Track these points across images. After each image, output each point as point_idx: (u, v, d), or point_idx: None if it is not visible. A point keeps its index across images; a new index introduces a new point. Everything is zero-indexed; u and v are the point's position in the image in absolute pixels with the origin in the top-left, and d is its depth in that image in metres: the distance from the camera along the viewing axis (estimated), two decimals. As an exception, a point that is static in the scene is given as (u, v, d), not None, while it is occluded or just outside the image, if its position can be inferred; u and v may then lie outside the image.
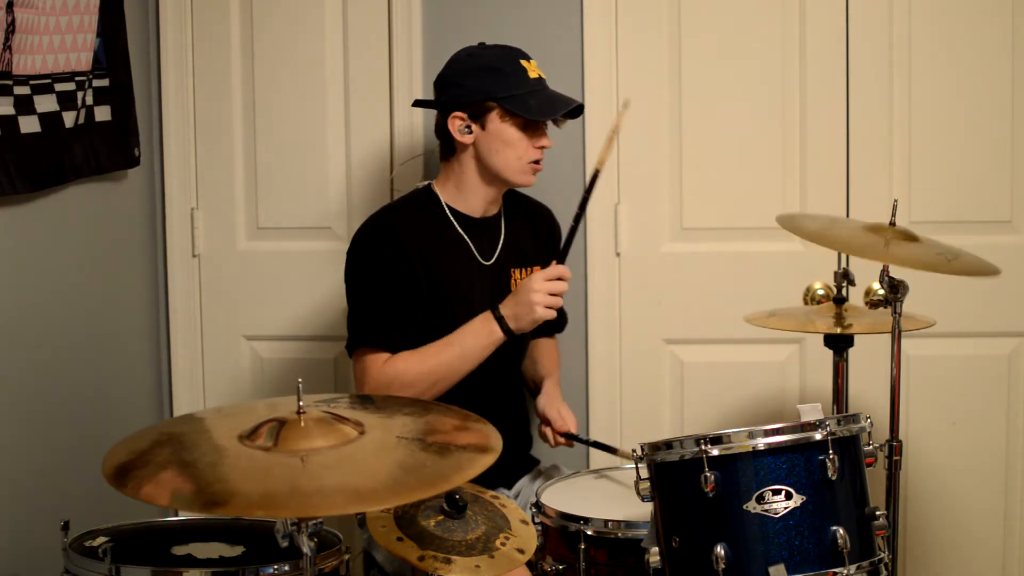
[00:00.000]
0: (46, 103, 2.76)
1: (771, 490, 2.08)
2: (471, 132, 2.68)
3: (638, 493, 2.20)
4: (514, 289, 2.78)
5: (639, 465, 2.21)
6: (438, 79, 2.76)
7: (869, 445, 2.20)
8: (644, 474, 2.20)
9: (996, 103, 3.16)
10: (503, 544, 2.19)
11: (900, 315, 2.44)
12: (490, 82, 2.65)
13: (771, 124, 3.22)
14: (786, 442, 2.10)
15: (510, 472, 2.83)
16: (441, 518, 2.19)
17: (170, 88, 3.36)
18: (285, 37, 3.34)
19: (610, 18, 3.23)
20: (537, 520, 2.46)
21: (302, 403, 1.89)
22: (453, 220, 2.74)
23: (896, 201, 2.56)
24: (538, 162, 2.71)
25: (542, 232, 2.93)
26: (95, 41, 2.96)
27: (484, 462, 1.86)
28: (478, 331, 2.64)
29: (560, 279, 2.63)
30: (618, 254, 3.29)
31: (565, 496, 2.57)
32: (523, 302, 2.62)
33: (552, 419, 2.83)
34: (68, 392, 2.96)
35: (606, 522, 2.41)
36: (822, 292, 2.83)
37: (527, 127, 2.67)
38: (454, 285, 2.69)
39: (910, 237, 2.49)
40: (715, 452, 2.10)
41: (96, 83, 2.98)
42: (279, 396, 3.29)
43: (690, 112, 3.24)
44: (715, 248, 3.26)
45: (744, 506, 2.08)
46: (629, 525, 2.39)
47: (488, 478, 2.00)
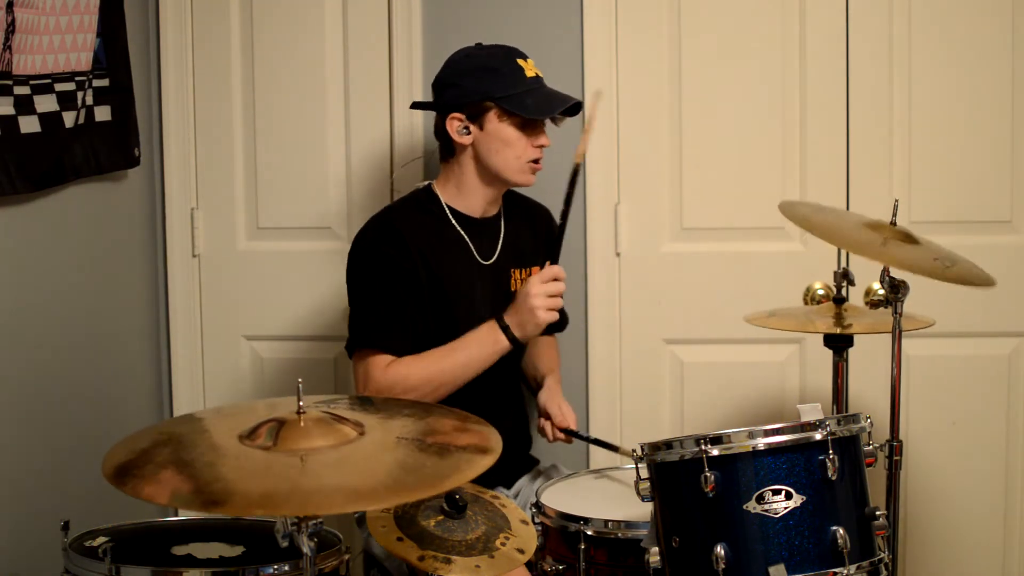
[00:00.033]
0: (46, 103, 2.76)
1: (771, 490, 2.08)
2: (469, 133, 2.68)
3: (638, 493, 2.20)
4: (514, 288, 2.78)
5: (639, 465, 2.21)
6: (436, 80, 2.76)
7: (869, 445, 2.20)
8: (644, 474, 2.20)
9: (996, 103, 3.16)
10: (503, 544, 2.19)
11: (900, 315, 2.44)
12: (487, 82, 2.65)
13: (771, 124, 3.22)
14: (786, 442, 2.10)
15: (510, 472, 2.83)
16: (441, 518, 2.19)
17: (170, 88, 3.36)
18: (285, 37, 3.34)
19: (610, 18, 3.23)
20: (537, 520, 2.46)
21: (302, 403, 1.89)
22: (453, 220, 2.74)
23: (897, 201, 2.56)
24: (537, 161, 2.71)
25: (541, 232, 2.93)
26: (95, 41, 2.96)
27: (484, 463, 1.86)
28: (483, 340, 2.63)
29: (556, 279, 2.63)
30: (618, 254, 3.28)
31: (565, 496, 2.57)
32: (524, 309, 2.61)
33: (552, 414, 2.82)
34: (68, 392, 2.96)
35: (606, 522, 2.41)
36: (822, 292, 2.83)
37: (525, 126, 2.66)
38: (454, 285, 2.69)
39: (909, 239, 2.49)
40: (715, 452, 2.10)
41: (96, 83, 2.98)
42: (279, 396, 3.31)
43: (690, 112, 3.24)
44: (715, 248, 3.26)
45: (744, 506, 2.08)
46: (629, 525, 2.39)
47: (488, 478, 1.99)
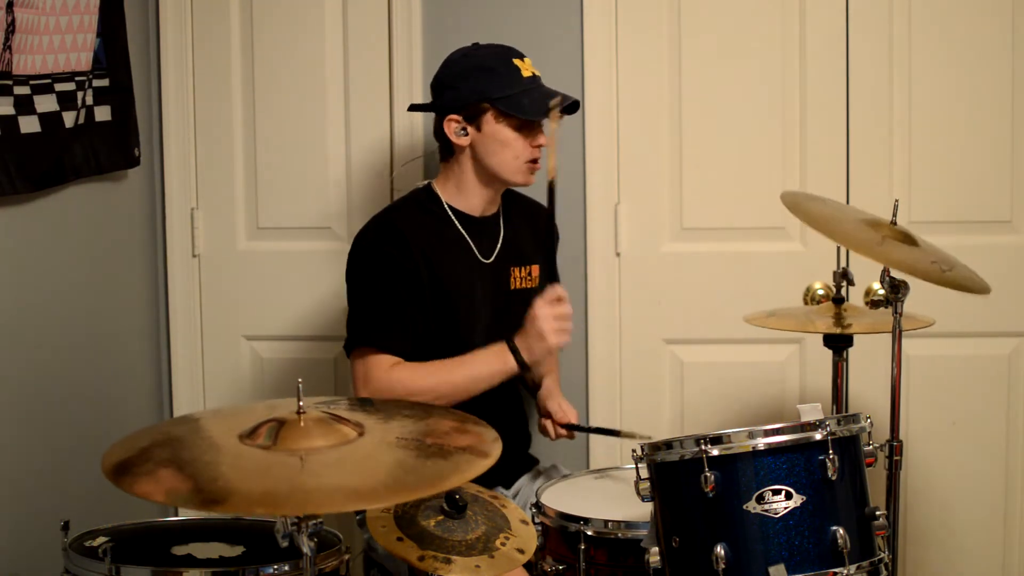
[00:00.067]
0: (46, 103, 2.76)
1: (771, 490, 2.08)
2: (467, 134, 2.68)
3: (638, 493, 2.20)
4: (514, 287, 2.79)
5: (639, 465, 2.21)
6: (433, 81, 2.76)
7: (869, 445, 2.20)
8: (644, 474, 2.20)
9: (996, 103, 3.16)
10: (503, 544, 2.19)
11: (901, 315, 2.44)
12: (483, 83, 2.65)
13: (771, 124, 3.22)
14: (786, 442, 2.10)
15: (509, 471, 2.83)
16: (441, 518, 2.19)
17: (170, 88, 3.36)
18: (285, 37, 3.34)
19: (610, 18, 3.23)
20: (537, 520, 2.46)
21: (302, 403, 1.89)
22: (454, 219, 2.74)
23: (897, 201, 2.56)
24: (536, 161, 2.70)
25: (541, 230, 2.92)
26: (95, 41, 2.96)
27: (483, 463, 1.86)
28: (492, 360, 2.63)
29: (559, 299, 2.60)
30: (618, 254, 3.28)
31: (565, 496, 2.57)
32: (533, 333, 2.60)
33: (553, 411, 2.83)
34: (68, 392, 2.96)
35: (606, 522, 2.41)
36: (822, 292, 2.83)
37: (522, 127, 2.66)
38: (455, 285, 2.69)
39: (908, 239, 2.49)
40: (715, 452, 2.10)
41: (96, 83, 2.98)
42: (279, 396, 3.32)
43: (690, 112, 3.24)
44: (715, 248, 3.26)
45: (744, 506, 2.08)
46: (629, 525, 2.39)
47: (487, 478, 1.99)
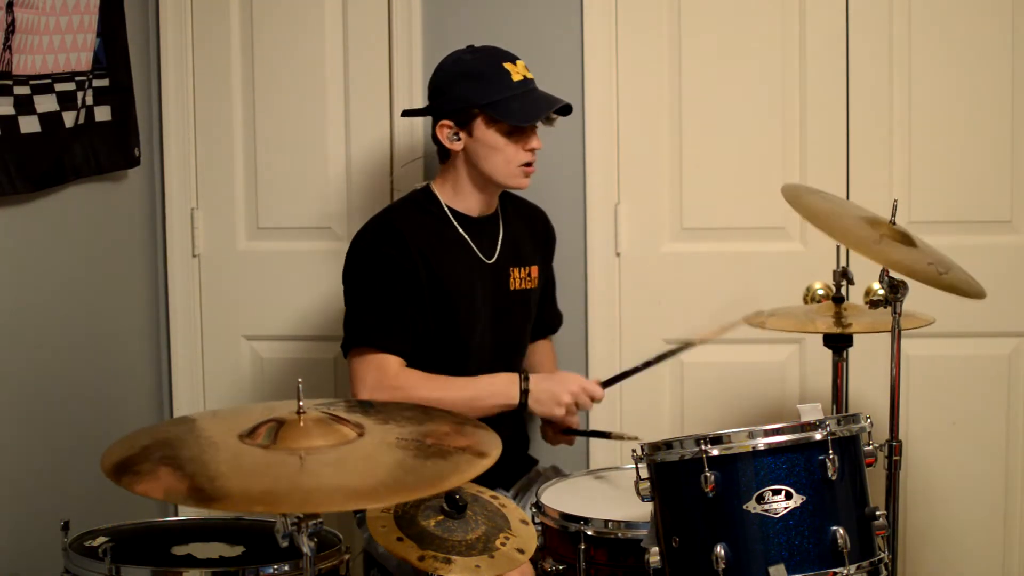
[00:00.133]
0: (46, 103, 2.76)
1: (771, 490, 2.08)
2: (460, 139, 2.68)
3: (638, 493, 2.20)
4: (513, 287, 2.79)
5: (639, 465, 2.21)
6: (428, 85, 2.77)
7: (869, 445, 2.20)
8: (644, 474, 2.20)
9: (996, 103, 3.16)
10: (503, 544, 2.19)
11: (900, 315, 2.44)
12: (472, 89, 2.65)
13: (771, 124, 3.22)
14: (786, 442, 2.10)
15: (508, 473, 2.83)
16: (441, 518, 2.19)
17: (170, 88, 3.36)
18: (285, 37, 3.34)
19: (610, 18, 3.23)
20: (537, 520, 2.46)
21: (302, 403, 1.89)
22: (453, 220, 2.74)
23: (896, 201, 2.56)
24: (530, 164, 2.70)
25: (539, 233, 2.94)
26: (95, 41, 2.95)
27: (482, 464, 1.86)
28: (496, 388, 2.64)
29: (592, 399, 2.67)
30: (618, 254, 3.28)
31: (565, 496, 2.57)
32: (552, 393, 2.64)
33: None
34: (68, 392, 2.96)
35: (606, 522, 2.41)
36: (822, 292, 2.83)
37: (513, 131, 2.66)
38: (455, 285, 2.69)
39: (906, 240, 2.49)
40: (715, 452, 2.10)
41: (96, 83, 2.98)
42: (279, 396, 3.32)
43: (690, 112, 3.24)
44: (715, 248, 3.26)
45: (744, 506, 2.08)
46: (629, 525, 2.39)
47: (486, 479, 1.99)
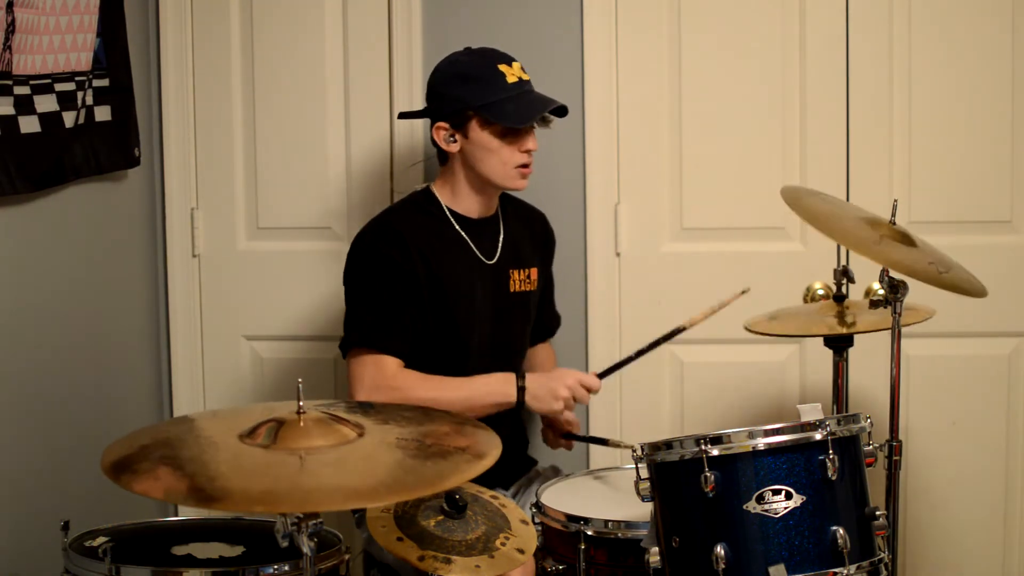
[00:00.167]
0: (46, 103, 2.76)
1: (771, 490, 2.08)
2: (456, 141, 2.69)
3: (638, 493, 2.20)
4: (513, 289, 2.79)
5: (639, 465, 2.21)
6: (426, 88, 2.77)
7: (869, 445, 2.20)
8: (644, 474, 2.20)
9: (996, 103, 3.16)
10: (503, 544, 2.19)
11: (900, 315, 2.44)
12: (466, 91, 2.65)
13: (771, 124, 3.22)
14: (786, 442, 2.10)
15: (507, 473, 2.83)
16: (441, 518, 2.19)
17: (170, 88, 3.36)
18: (285, 37, 3.34)
19: (610, 18, 3.23)
20: (537, 520, 2.46)
21: (302, 403, 1.89)
22: (453, 221, 2.74)
23: (896, 201, 2.56)
24: (527, 165, 2.70)
25: (538, 234, 2.94)
26: (95, 41, 2.95)
27: (482, 464, 1.86)
28: (493, 387, 2.64)
29: (590, 391, 2.67)
30: (618, 254, 3.28)
31: (565, 496, 2.57)
32: (549, 388, 2.63)
33: (555, 420, 2.84)
34: (68, 392, 2.96)
35: (606, 522, 2.41)
36: (822, 292, 2.83)
37: (507, 133, 2.66)
38: (455, 285, 2.69)
39: (906, 240, 2.49)
40: (715, 452, 2.10)
41: (96, 83, 2.98)
42: (279, 396, 3.32)
43: (690, 112, 3.24)
44: (715, 248, 3.26)
45: (744, 506, 2.08)
46: (629, 525, 2.39)
47: (485, 479, 1.99)
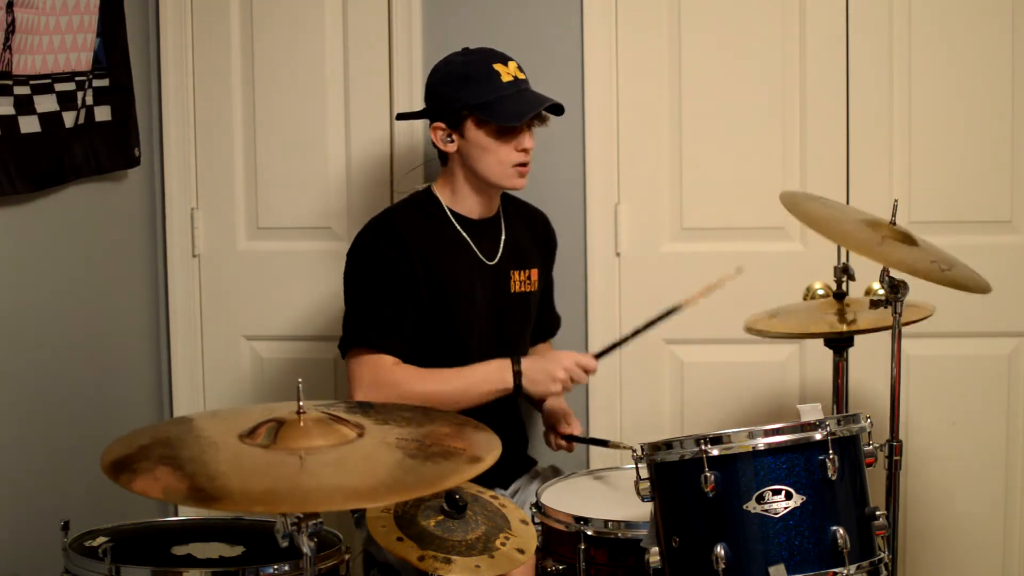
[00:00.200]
0: (46, 103, 2.76)
1: (771, 490, 2.08)
2: (453, 141, 2.69)
3: (638, 493, 2.20)
4: (513, 290, 2.79)
5: (639, 465, 2.21)
6: (425, 88, 2.77)
7: (869, 445, 2.20)
8: (644, 474, 2.20)
9: (996, 103, 3.16)
10: (503, 544, 2.19)
11: (900, 315, 2.44)
12: (461, 91, 2.66)
13: (771, 124, 3.22)
14: (786, 442, 2.10)
15: (506, 472, 2.83)
16: (441, 518, 2.19)
17: (170, 88, 3.36)
18: (285, 37, 3.34)
19: (610, 18, 3.23)
20: (537, 520, 2.46)
21: (302, 403, 1.89)
22: (454, 221, 2.74)
23: (896, 201, 2.56)
24: (524, 164, 2.70)
25: (540, 235, 2.94)
26: (95, 41, 2.95)
27: (482, 464, 1.86)
28: (490, 374, 2.64)
29: (587, 371, 2.67)
30: (618, 254, 3.28)
31: (565, 496, 2.57)
32: (546, 371, 2.63)
33: (556, 422, 2.85)
34: (68, 392, 2.96)
35: (606, 522, 2.41)
36: (822, 292, 2.83)
37: (502, 132, 2.66)
38: (454, 286, 2.69)
39: (908, 239, 2.49)
40: (715, 452, 2.10)
41: (96, 83, 2.98)
42: (279, 396, 3.32)
43: (690, 112, 3.24)
44: (715, 248, 3.26)
45: (744, 506, 2.08)
46: (629, 525, 2.39)
47: (484, 479, 1.99)
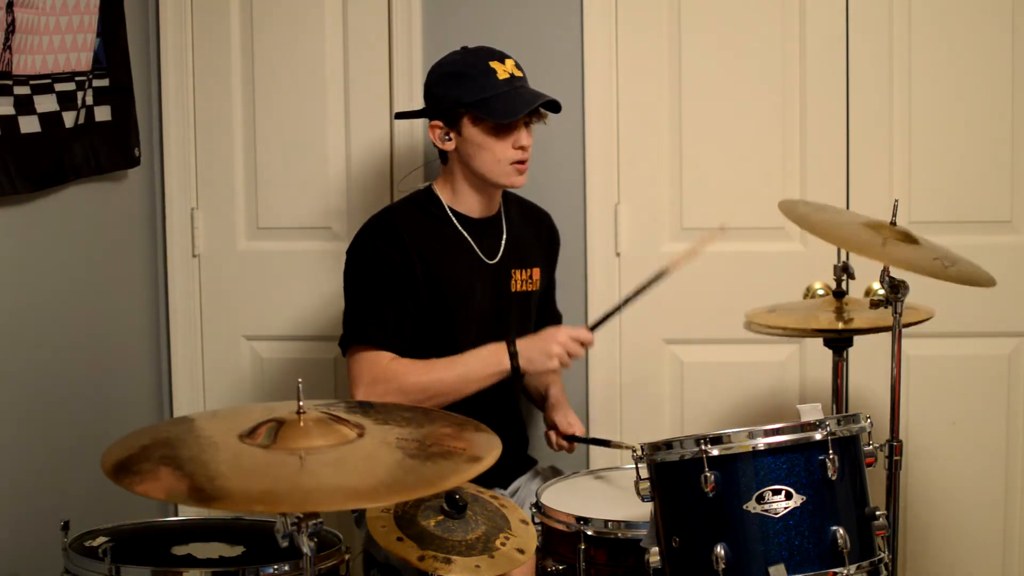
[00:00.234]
0: (46, 103, 2.76)
1: (771, 490, 2.08)
2: (451, 139, 2.69)
3: (638, 493, 2.20)
4: (515, 289, 2.79)
5: (639, 465, 2.21)
6: (423, 88, 2.77)
7: (869, 445, 2.20)
8: (644, 474, 2.20)
9: (996, 103, 3.16)
10: (503, 544, 2.19)
11: (901, 315, 2.44)
12: (457, 89, 2.66)
13: (771, 124, 3.22)
14: (786, 442, 2.10)
15: (506, 472, 2.83)
16: (441, 518, 2.19)
17: (170, 88, 3.36)
18: (285, 37, 3.34)
19: (610, 18, 3.23)
20: (537, 520, 2.46)
21: (302, 403, 1.89)
22: (455, 220, 2.74)
23: (897, 201, 2.56)
24: (522, 162, 2.70)
25: (543, 234, 2.94)
26: (95, 41, 2.95)
27: (482, 464, 1.86)
28: (487, 358, 2.63)
29: (583, 344, 2.65)
30: (618, 254, 3.28)
31: (565, 496, 2.57)
32: (541, 348, 2.63)
33: (558, 423, 2.85)
34: (68, 392, 2.96)
35: (606, 522, 2.41)
36: (822, 292, 2.83)
37: (499, 129, 2.66)
38: (454, 285, 2.69)
39: (909, 239, 2.49)
40: (715, 452, 2.10)
41: (96, 83, 2.97)
42: (279, 396, 3.32)
43: (690, 112, 3.24)
44: (715, 248, 3.25)
45: (744, 506, 2.08)
46: (629, 525, 2.39)
47: (484, 479, 1.99)
